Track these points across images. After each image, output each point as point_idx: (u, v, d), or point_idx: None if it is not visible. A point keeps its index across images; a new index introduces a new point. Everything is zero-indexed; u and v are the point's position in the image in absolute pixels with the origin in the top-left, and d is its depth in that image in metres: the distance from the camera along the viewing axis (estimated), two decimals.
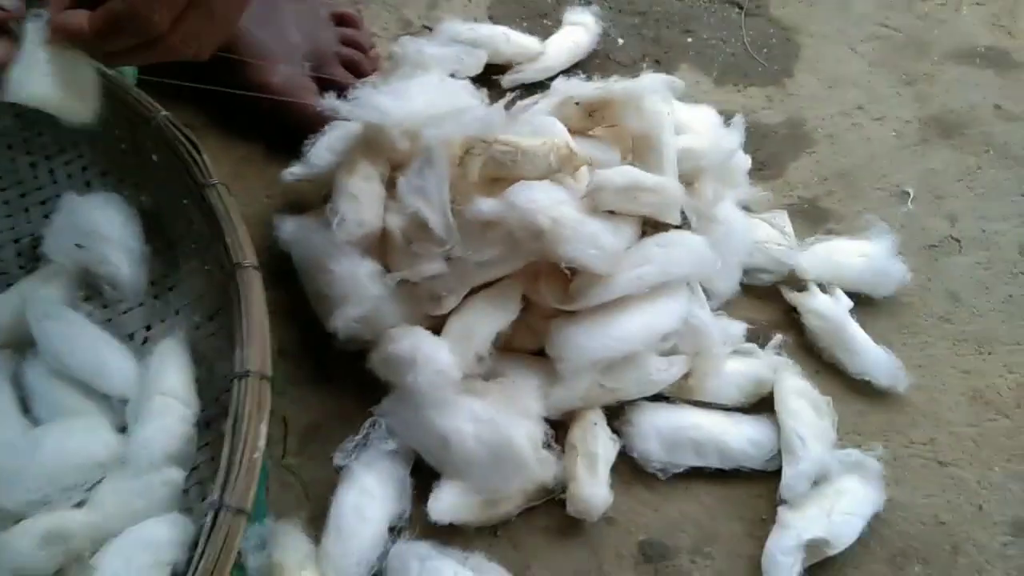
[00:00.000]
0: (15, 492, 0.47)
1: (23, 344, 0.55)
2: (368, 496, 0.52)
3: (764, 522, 0.56)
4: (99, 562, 0.45)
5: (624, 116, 0.59)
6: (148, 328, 0.57)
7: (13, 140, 0.63)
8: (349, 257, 0.56)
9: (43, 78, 0.38)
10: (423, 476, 0.54)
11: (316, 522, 0.53)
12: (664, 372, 0.58)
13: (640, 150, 0.60)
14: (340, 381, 0.59)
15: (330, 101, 0.58)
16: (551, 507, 0.55)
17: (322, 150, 0.61)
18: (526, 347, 0.59)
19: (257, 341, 0.50)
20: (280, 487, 0.56)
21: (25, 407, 0.53)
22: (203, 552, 0.44)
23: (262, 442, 0.47)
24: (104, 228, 0.56)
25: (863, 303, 0.65)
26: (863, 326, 0.63)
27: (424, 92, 0.59)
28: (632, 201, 0.56)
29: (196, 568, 0.43)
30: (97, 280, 0.56)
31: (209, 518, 0.45)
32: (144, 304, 0.57)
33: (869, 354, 0.62)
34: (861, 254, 0.66)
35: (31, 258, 0.59)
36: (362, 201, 0.57)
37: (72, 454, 0.49)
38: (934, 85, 0.81)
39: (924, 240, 0.70)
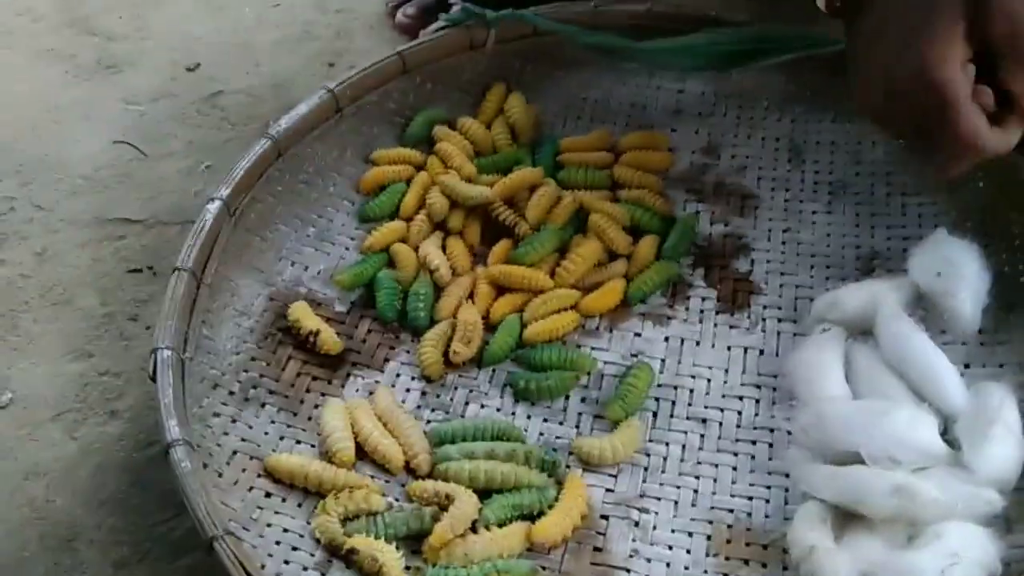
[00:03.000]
0: (860, 442, 0.54)
1: (855, 328, 0.63)
2: None
3: None
4: (941, 530, 0.49)
5: None
6: (966, 366, 0.61)
7: (877, 172, 0.74)
8: None
9: None
10: None
11: None
12: None
13: None
14: None
15: None
16: None
17: None
18: None
19: None
20: None
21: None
22: None
23: None
24: (964, 268, 0.61)
25: None
26: None
27: None
28: None
29: None
30: (935, 307, 0.62)
31: None
32: (966, 344, 0.62)
33: None
34: None
35: (867, 267, 0.69)
36: None
37: (906, 433, 0.54)
38: None
39: None
